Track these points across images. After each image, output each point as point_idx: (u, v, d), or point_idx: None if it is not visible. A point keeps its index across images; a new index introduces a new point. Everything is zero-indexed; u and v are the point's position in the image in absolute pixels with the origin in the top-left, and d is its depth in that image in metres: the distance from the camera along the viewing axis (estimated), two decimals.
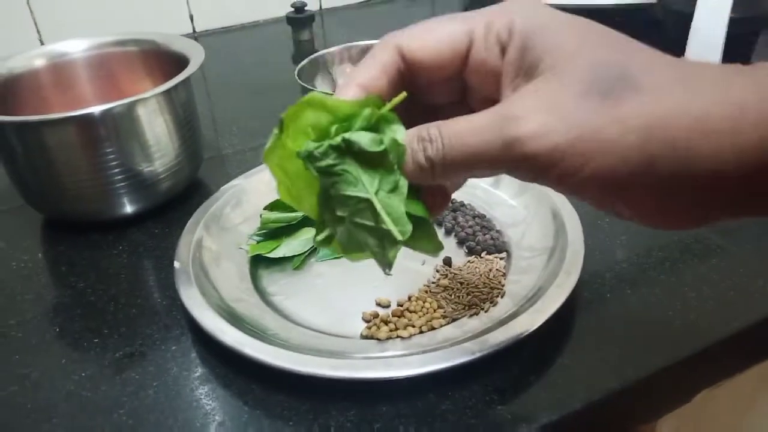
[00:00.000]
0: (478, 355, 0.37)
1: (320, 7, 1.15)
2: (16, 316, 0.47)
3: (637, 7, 0.87)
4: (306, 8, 1.00)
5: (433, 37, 0.28)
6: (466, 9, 1.12)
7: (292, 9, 0.99)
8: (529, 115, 0.24)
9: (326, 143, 0.27)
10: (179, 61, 0.57)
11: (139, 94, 0.51)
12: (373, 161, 0.27)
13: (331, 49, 0.72)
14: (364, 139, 0.26)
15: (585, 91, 0.23)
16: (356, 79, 0.28)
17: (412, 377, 0.37)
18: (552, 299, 0.41)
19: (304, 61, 0.69)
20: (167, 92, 0.53)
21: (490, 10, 0.27)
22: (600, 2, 0.86)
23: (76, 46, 0.62)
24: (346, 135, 0.27)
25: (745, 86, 0.22)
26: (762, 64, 0.23)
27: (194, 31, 1.07)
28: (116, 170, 0.53)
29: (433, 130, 0.26)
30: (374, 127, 0.27)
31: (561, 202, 0.50)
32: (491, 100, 0.27)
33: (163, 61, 0.61)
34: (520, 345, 0.39)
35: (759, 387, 0.53)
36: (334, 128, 0.27)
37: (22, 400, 0.40)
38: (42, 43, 0.95)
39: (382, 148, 0.27)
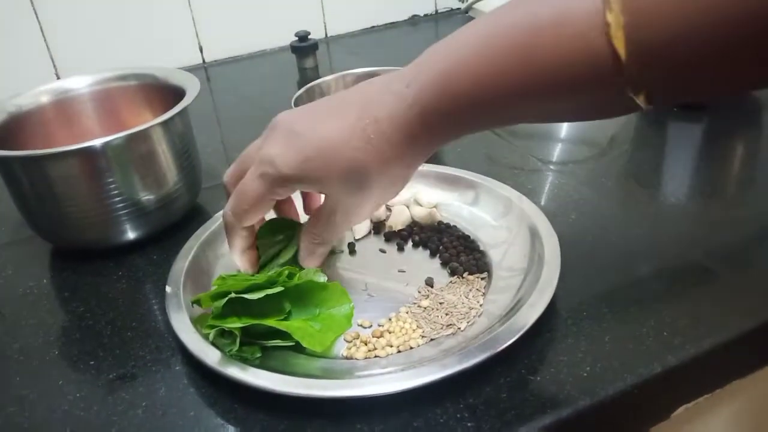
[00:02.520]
0: (447, 373, 0.38)
1: (326, 34, 1.18)
2: (20, 340, 0.49)
3: None
4: (310, 36, 1.02)
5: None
6: None
7: (296, 38, 1.02)
8: None
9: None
10: (177, 94, 0.60)
11: (137, 127, 0.54)
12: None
13: (327, 78, 0.74)
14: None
15: None
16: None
17: (384, 395, 0.38)
18: (524, 318, 0.42)
19: (300, 90, 0.71)
20: (164, 124, 0.56)
21: None
22: None
23: (80, 83, 0.65)
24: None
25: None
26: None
27: (204, 61, 1.10)
28: (117, 199, 0.55)
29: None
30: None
31: (541, 222, 0.51)
32: None
33: (162, 93, 0.64)
34: (492, 362, 0.40)
35: (739, 403, 0.54)
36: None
37: (19, 420, 0.42)
38: (58, 77, 0.99)
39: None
